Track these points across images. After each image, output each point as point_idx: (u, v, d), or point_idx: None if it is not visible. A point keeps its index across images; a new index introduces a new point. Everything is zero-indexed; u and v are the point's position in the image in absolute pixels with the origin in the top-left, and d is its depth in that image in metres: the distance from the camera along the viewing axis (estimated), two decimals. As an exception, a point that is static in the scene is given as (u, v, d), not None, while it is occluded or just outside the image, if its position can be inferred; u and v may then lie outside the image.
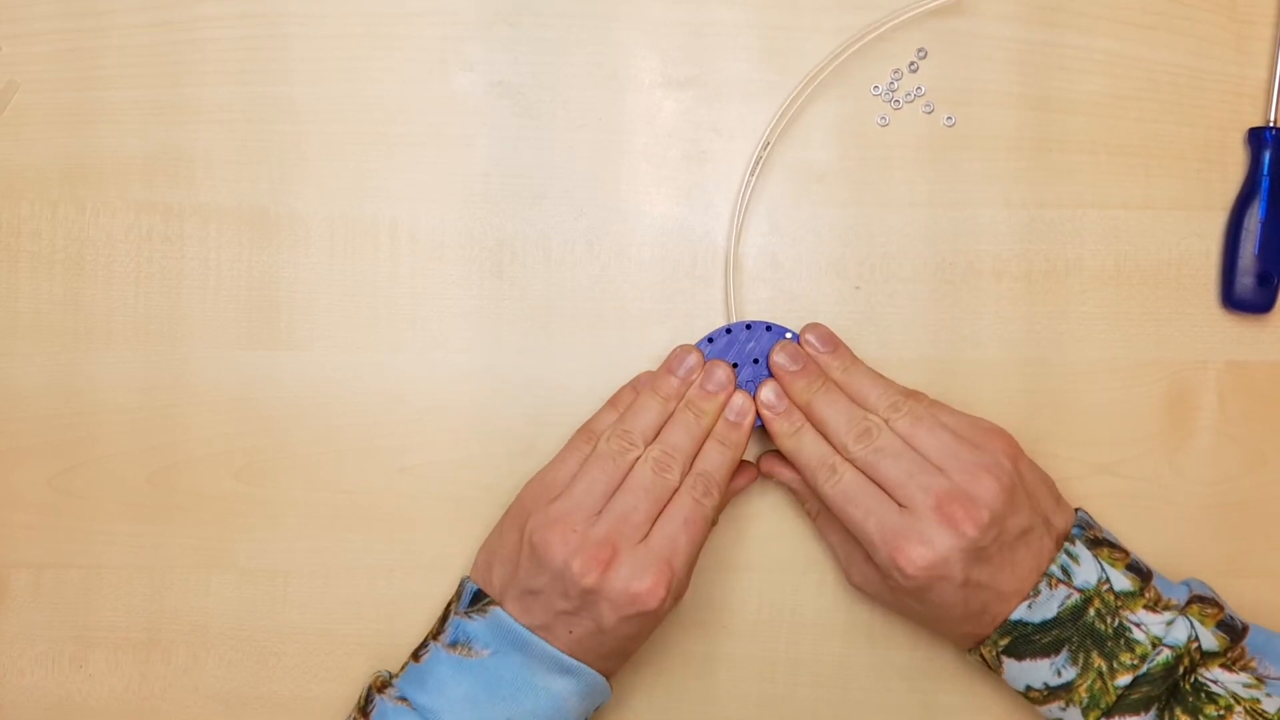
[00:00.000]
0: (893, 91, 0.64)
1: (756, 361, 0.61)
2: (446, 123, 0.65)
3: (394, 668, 0.61)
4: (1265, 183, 0.63)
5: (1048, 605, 0.56)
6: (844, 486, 0.57)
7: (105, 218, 0.65)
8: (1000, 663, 0.58)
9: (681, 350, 0.61)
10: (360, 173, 0.65)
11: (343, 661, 0.65)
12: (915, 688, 0.65)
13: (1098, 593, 0.56)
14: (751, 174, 0.63)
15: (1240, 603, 0.63)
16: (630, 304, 0.64)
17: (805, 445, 0.59)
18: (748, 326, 0.62)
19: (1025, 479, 0.57)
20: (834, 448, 0.58)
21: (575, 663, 0.57)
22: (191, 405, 0.65)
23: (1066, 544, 0.57)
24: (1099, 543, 0.58)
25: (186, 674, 0.65)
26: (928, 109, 0.64)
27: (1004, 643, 0.57)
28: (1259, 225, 0.63)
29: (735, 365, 0.61)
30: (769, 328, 0.62)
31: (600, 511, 0.57)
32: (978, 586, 0.55)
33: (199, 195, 0.65)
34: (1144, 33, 0.64)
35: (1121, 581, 0.57)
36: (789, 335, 0.62)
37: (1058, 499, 0.59)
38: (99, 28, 0.65)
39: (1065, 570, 0.56)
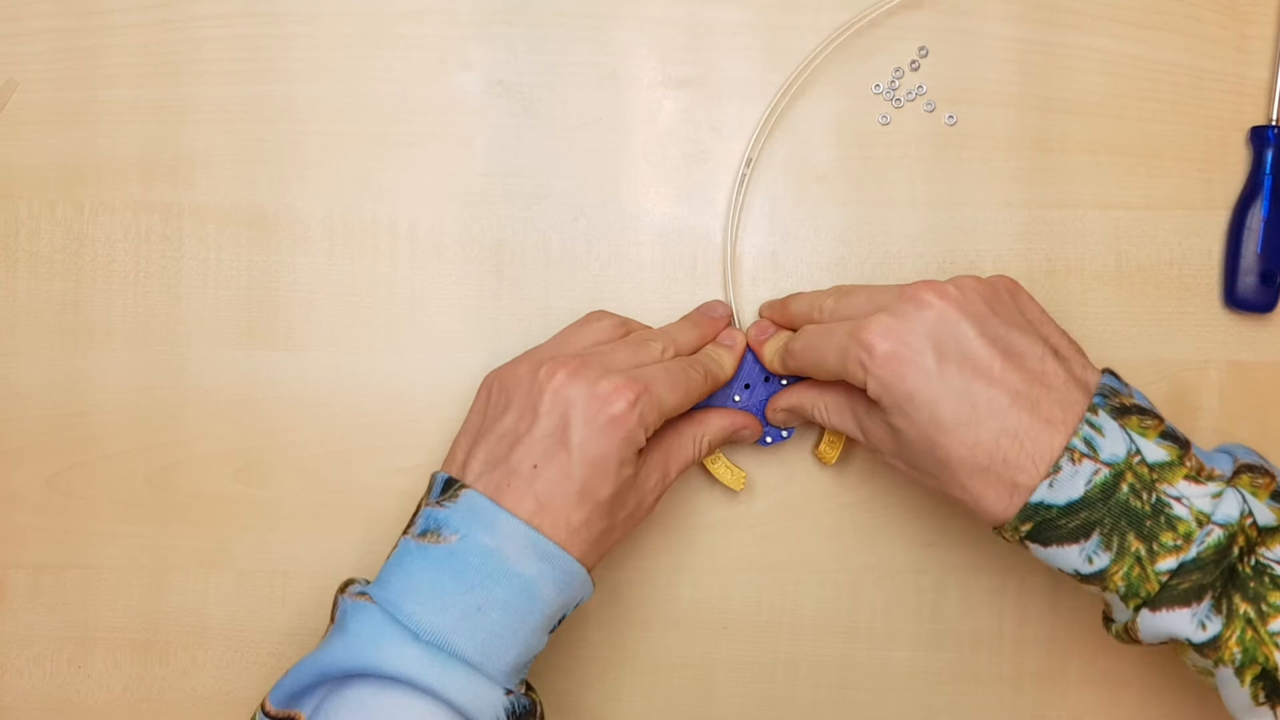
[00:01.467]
0: (893, 90, 0.64)
1: (768, 379, 0.61)
2: (446, 123, 0.65)
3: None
4: (1267, 182, 0.63)
5: (1072, 484, 0.49)
6: (807, 332, 0.56)
7: (104, 218, 0.65)
8: (1026, 547, 0.52)
9: (715, 303, 0.63)
10: (360, 173, 0.64)
11: (342, 662, 0.65)
12: (915, 687, 0.64)
13: (1129, 466, 0.49)
14: (746, 166, 0.63)
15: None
16: (630, 304, 0.64)
17: (791, 303, 0.60)
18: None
19: (1024, 303, 0.54)
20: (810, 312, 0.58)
21: (548, 543, 0.52)
22: (191, 405, 0.64)
23: (1088, 414, 0.50)
24: (1126, 410, 0.51)
25: (185, 675, 0.65)
26: (929, 108, 0.64)
27: (1025, 528, 0.51)
28: (1261, 224, 0.63)
29: (747, 385, 0.62)
30: None
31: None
32: (954, 375, 0.50)
33: (198, 195, 0.65)
34: (1145, 32, 0.64)
35: (1155, 452, 0.50)
36: None
37: (1071, 341, 0.54)
38: (98, 27, 0.64)
39: (1089, 443, 0.50)
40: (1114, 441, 0.50)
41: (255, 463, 0.64)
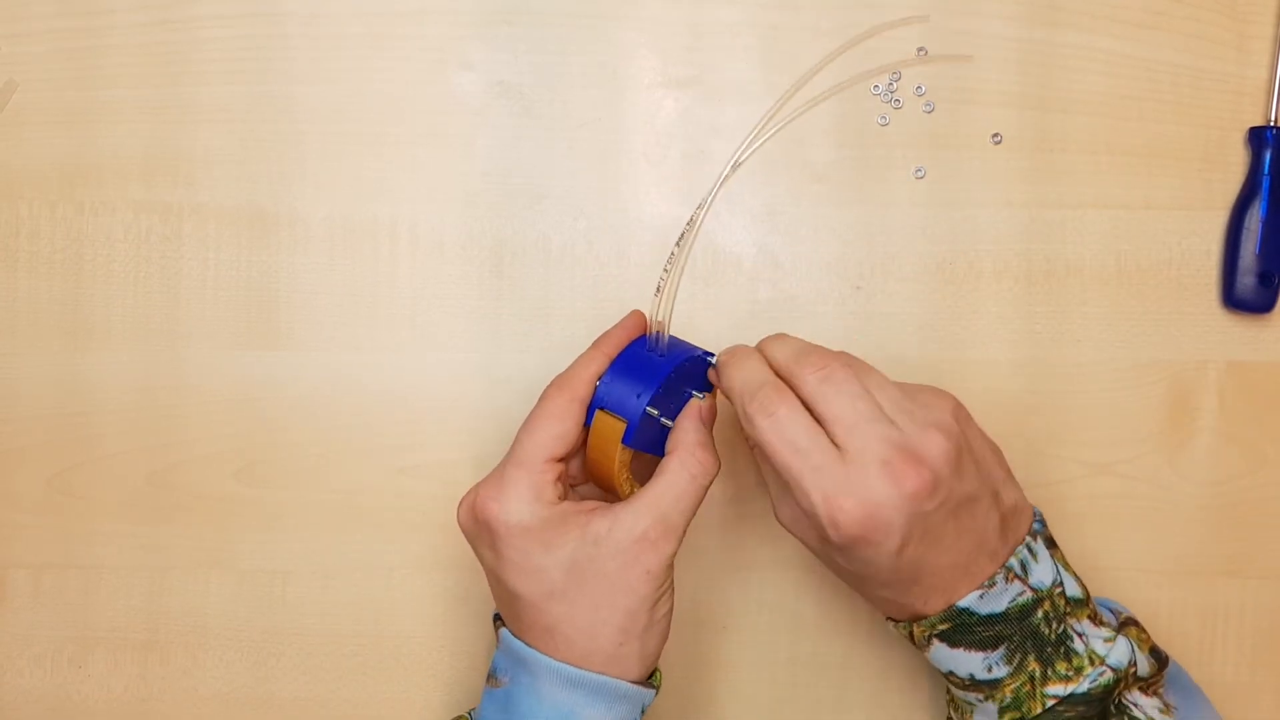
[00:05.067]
0: (892, 91, 0.64)
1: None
2: (446, 123, 0.65)
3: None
4: (1266, 182, 0.63)
5: (998, 599, 0.52)
6: (783, 422, 0.51)
7: (104, 217, 0.65)
8: (930, 643, 0.54)
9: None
10: (360, 173, 0.64)
11: (342, 662, 0.65)
12: (916, 687, 0.65)
13: (1049, 595, 0.53)
14: (731, 169, 0.63)
15: (1241, 603, 0.63)
16: (630, 304, 0.64)
17: (744, 369, 0.53)
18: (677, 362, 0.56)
19: (973, 445, 0.53)
20: (779, 375, 0.53)
21: (573, 670, 0.52)
22: (191, 405, 0.64)
23: (1028, 538, 0.53)
24: (1053, 543, 0.55)
25: (185, 675, 0.65)
26: (928, 108, 0.64)
27: (943, 627, 0.53)
28: (1260, 225, 0.63)
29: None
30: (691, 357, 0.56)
31: None
32: (913, 555, 0.51)
33: (198, 195, 0.65)
34: (1144, 32, 0.64)
35: (1074, 587, 0.54)
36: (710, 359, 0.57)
37: (1008, 473, 0.55)
38: (98, 27, 0.65)
39: (1023, 565, 0.53)
40: (1044, 570, 0.53)
41: (255, 463, 0.64)
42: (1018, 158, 0.64)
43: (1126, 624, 0.56)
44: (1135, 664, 0.53)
